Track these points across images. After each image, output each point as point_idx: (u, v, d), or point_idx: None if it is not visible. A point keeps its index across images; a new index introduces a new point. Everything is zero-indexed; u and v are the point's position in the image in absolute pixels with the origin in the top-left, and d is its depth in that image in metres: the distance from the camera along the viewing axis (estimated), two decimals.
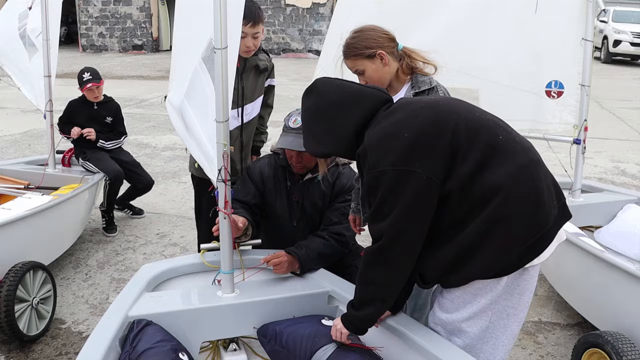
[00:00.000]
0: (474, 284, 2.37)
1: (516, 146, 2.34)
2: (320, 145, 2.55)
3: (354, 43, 2.95)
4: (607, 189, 5.01)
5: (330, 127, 2.50)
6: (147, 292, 2.90)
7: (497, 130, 2.36)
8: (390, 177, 2.26)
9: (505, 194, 2.24)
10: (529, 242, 2.30)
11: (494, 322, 2.43)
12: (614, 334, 3.25)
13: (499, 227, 2.25)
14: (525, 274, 2.39)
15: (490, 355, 2.47)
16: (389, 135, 2.32)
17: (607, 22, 22.24)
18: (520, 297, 2.43)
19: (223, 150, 2.69)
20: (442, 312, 2.50)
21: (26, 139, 9.62)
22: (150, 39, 24.45)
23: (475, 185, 2.25)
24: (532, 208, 2.28)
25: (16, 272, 3.84)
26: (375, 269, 2.36)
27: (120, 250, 5.47)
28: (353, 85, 2.57)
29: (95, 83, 5.66)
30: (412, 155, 2.25)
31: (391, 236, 2.29)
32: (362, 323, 2.49)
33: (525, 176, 2.30)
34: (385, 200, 2.28)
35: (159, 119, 11.34)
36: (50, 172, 5.54)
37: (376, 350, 2.59)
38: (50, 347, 3.92)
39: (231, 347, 3.02)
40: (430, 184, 2.23)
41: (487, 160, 2.27)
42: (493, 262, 2.28)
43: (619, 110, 12.65)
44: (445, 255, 2.33)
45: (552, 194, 2.38)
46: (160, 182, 7.26)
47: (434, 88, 3.02)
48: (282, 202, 3.36)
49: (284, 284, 3.04)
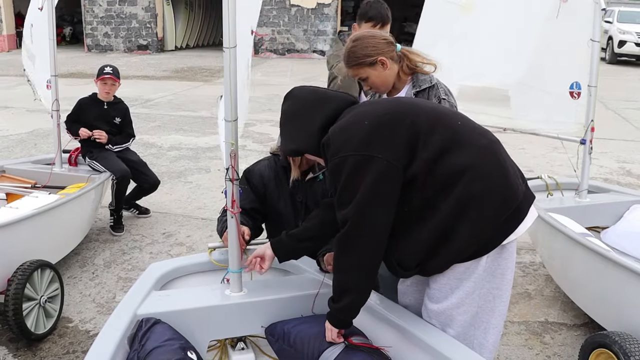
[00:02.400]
0: (455, 268, 2.43)
1: (474, 130, 2.47)
2: (292, 143, 2.67)
3: (354, 52, 3.01)
4: (613, 189, 5.00)
5: (300, 125, 2.63)
6: (155, 290, 2.91)
7: (456, 117, 2.51)
8: (352, 162, 2.35)
9: (472, 172, 2.34)
10: (502, 218, 2.37)
11: (482, 306, 2.49)
12: (622, 334, 3.25)
13: (470, 206, 2.33)
14: (504, 252, 2.45)
15: (483, 340, 2.54)
16: (350, 124, 2.45)
17: (612, 23, 22.20)
18: (502, 277, 2.49)
19: (231, 150, 2.69)
20: (432, 303, 2.55)
21: (32, 139, 9.65)
22: (155, 39, 24.49)
23: (440, 168, 2.34)
24: (499, 184, 2.38)
25: (24, 270, 3.86)
26: (345, 256, 2.42)
27: (126, 249, 5.49)
28: (324, 90, 2.77)
29: (113, 77, 5.69)
30: (372, 140, 2.35)
31: (355, 220, 2.35)
32: (343, 314, 2.52)
33: (488, 154, 2.41)
34: (348, 185, 2.36)
35: (164, 118, 11.36)
36: (57, 172, 5.56)
37: (384, 350, 2.59)
38: (58, 346, 3.94)
39: (239, 346, 3.02)
40: (392, 168, 2.32)
41: (449, 144, 2.37)
42: (469, 241, 2.35)
43: (624, 110, 12.63)
44: (420, 239, 2.40)
45: (516, 171, 2.49)
46: (166, 182, 7.27)
47: (434, 86, 3.07)
48: (286, 203, 3.35)
49: (292, 283, 3.05)
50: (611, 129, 10.43)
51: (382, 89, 3.13)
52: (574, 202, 4.56)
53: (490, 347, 2.56)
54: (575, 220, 4.19)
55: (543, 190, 4.81)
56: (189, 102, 13.20)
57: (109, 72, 5.67)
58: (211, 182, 7.49)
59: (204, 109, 12.32)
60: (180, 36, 25.74)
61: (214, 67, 19.62)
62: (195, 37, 26.88)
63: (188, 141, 9.65)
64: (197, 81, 16.72)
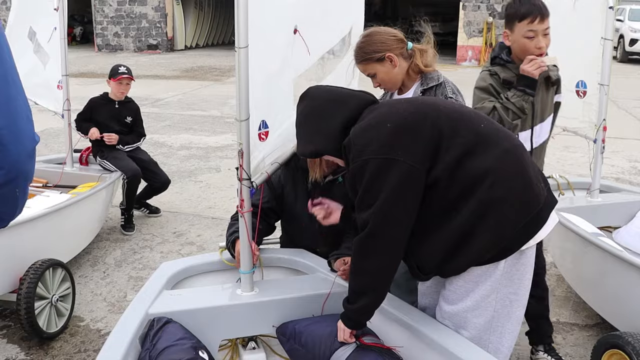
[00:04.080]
0: (473, 271, 2.40)
1: (498, 133, 2.43)
2: (310, 144, 2.61)
3: (363, 48, 3.01)
4: (625, 189, 4.97)
5: (319, 126, 2.57)
6: (166, 290, 2.91)
7: (479, 119, 2.45)
8: (374, 165, 2.32)
9: (494, 176, 2.30)
10: (523, 223, 2.34)
11: (498, 310, 2.46)
12: (635, 335, 3.22)
13: (490, 210, 2.30)
14: (522, 258, 2.42)
15: (498, 344, 2.51)
16: (372, 126, 2.40)
17: (624, 21, 22.07)
18: (520, 282, 2.46)
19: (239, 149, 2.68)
20: (447, 304, 2.53)
21: (43, 138, 9.69)
22: (165, 39, 24.56)
23: (462, 171, 2.31)
24: (521, 189, 2.34)
25: (36, 269, 3.88)
26: (364, 259, 2.40)
27: (137, 248, 5.50)
28: (341, 89, 2.70)
29: (130, 76, 5.71)
30: (394, 143, 2.31)
31: (376, 224, 2.32)
32: (358, 316, 2.51)
33: (511, 158, 2.36)
34: (369, 188, 2.33)
35: (174, 118, 11.39)
36: (68, 171, 5.59)
37: (395, 350, 2.58)
38: (70, 345, 3.95)
39: (250, 346, 3.02)
40: (414, 171, 2.29)
41: (472, 147, 2.33)
42: (489, 245, 2.32)
43: (635, 109, 12.55)
44: (440, 242, 2.37)
45: (538, 176, 2.44)
46: (176, 181, 7.29)
47: (441, 84, 3.07)
48: (302, 205, 3.28)
49: (304, 283, 3.04)
50: (622, 128, 10.35)
51: (390, 86, 3.11)
52: (585, 202, 4.53)
53: (506, 352, 2.52)
54: (587, 220, 4.16)
55: (554, 190, 4.78)
56: (199, 102, 13.24)
57: (125, 72, 5.69)
58: (221, 182, 7.50)
59: (214, 108, 12.35)
60: (190, 35, 25.79)
61: (224, 67, 19.65)
62: (205, 36, 26.92)
63: (198, 140, 9.67)
64: (207, 80, 16.75)
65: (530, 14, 3.04)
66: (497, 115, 3.09)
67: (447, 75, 3.17)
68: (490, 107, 3.12)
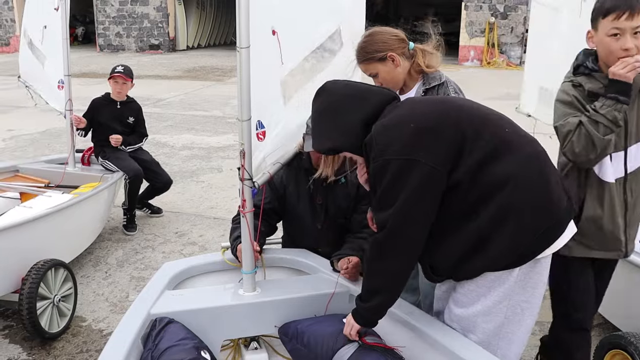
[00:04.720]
0: (486, 276, 2.38)
1: (522, 139, 2.39)
2: (327, 141, 2.54)
3: (364, 47, 3.00)
4: None
5: (337, 121, 2.51)
6: (168, 290, 2.91)
7: (503, 123, 2.41)
8: (395, 166, 2.29)
9: (515, 182, 2.27)
10: (540, 231, 2.31)
11: (509, 317, 2.43)
12: (637, 335, 3.21)
13: (509, 216, 2.27)
14: (537, 266, 2.40)
15: (506, 351, 2.49)
16: (395, 126, 2.36)
17: None
18: (533, 291, 2.43)
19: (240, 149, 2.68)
20: (457, 307, 2.51)
21: (45, 138, 9.71)
22: (167, 39, 24.55)
23: (484, 176, 2.28)
24: (541, 196, 2.31)
25: (38, 269, 3.88)
26: (380, 260, 2.38)
27: (139, 248, 5.50)
28: (360, 84, 2.62)
29: (124, 76, 5.71)
30: (416, 144, 2.28)
31: (395, 225, 2.30)
32: (371, 315, 2.50)
33: (533, 165, 2.33)
34: (389, 189, 2.31)
35: (176, 118, 11.39)
36: (70, 171, 5.59)
37: (398, 350, 2.58)
38: (72, 345, 3.95)
39: (252, 346, 3.02)
40: (435, 173, 2.26)
41: (495, 152, 2.30)
42: (504, 251, 2.30)
43: None
44: (457, 244, 2.35)
45: (559, 184, 2.40)
46: (178, 182, 7.29)
47: (443, 83, 3.06)
48: (305, 205, 3.30)
49: (306, 283, 3.04)
50: None
51: (392, 86, 3.09)
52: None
53: (513, 359, 2.51)
54: None
55: None
56: (201, 102, 13.23)
57: (119, 71, 5.70)
58: (223, 182, 7.50)
59: (216, 109, 12.35)
60: (192, 36, 25.78)
61: (226, 67, 19.64)
62: (207, 36, 26.91)
63: (200, 140, 9.67)
64: (209, 80, 16.75)
65: (616, 9, 2.51)
66: (584, 131, 2.57)
67: (449, 75, 3.16)
68: (576, 122, 2.60)
